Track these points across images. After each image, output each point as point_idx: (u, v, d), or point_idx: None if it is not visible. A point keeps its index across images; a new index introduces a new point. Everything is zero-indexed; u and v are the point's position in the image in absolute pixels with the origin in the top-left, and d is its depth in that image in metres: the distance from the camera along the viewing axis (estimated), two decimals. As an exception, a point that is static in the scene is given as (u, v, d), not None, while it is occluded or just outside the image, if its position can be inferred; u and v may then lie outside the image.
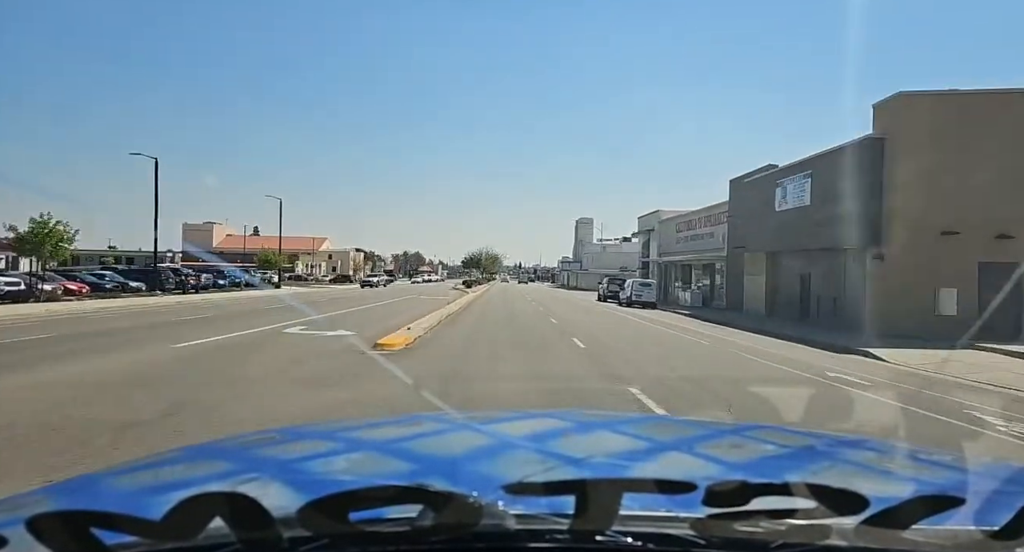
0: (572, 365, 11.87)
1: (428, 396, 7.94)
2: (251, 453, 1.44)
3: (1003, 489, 1.07)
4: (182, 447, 1.52)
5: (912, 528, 0.75)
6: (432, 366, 10.96)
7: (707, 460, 1.29)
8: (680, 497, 0.77)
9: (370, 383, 9.31)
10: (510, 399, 8.32)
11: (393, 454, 1.32)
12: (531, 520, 0.77)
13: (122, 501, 1.05)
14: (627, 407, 7.86)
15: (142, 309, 25.47)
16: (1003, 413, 8.45)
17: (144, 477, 1.23)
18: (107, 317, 20.63)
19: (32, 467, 5.00)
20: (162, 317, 21.02)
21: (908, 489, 1.12)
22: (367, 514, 0.74)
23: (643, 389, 8.91)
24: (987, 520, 0.79)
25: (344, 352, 12.60)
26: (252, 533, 0.72)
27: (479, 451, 1.34)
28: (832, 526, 0.74)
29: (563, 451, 1.31)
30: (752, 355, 14.62)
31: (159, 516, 0.69)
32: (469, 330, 18.73)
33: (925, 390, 10.26)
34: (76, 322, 18.56)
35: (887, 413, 8.67)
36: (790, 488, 0.78)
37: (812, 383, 10.64)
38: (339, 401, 7.94)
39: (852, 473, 1.25)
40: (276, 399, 8.01)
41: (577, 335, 17.56)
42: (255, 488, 1.02)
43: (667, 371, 11.32)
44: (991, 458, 1.50)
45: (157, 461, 1.37)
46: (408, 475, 1.13)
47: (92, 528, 0.69)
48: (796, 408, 8.37)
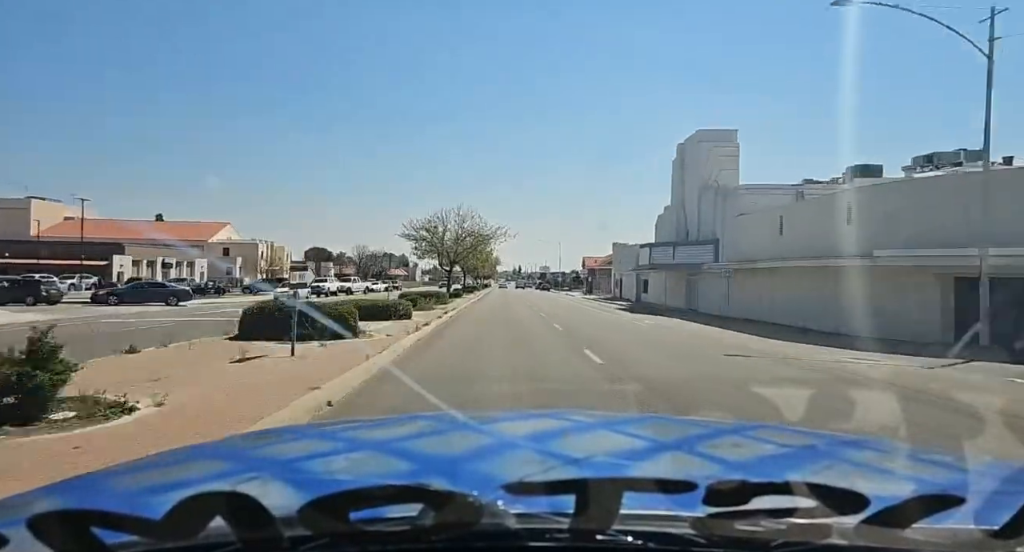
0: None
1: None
2: (251, 453, 1.44)
3: (1003, 489, 1.07)
4: (182, 447, 1.51)
5: (912, 527, 0.75)
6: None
7: (707, 459, 1.29)
8: (680, 496, 0.77)
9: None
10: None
11: (393, 454, 1.32)
12: (531, 519, 0.76)
13: (122, 501, 1.05)
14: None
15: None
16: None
17: (144, 477, 1.23)
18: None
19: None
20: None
21: (908, 489, 1.11)
22: (367, 514, 0.73)
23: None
24: (987, 519, 0.78)
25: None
26: (252, 533, 0.72)
27: (479, 451, 1.34)
28: (832, 525, 0.74)
29: (563, 451, 1.31)
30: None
31: (159, 516, 0.69)
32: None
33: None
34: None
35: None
36: (790, 487, 0.78)
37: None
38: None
39: (852, 472, 1.25)
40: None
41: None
42: (255, 488, 1.02)
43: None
44: (991, 457, 1.49)
45: (157, 461, 1.37)
46: (408, 475, 1.13)
47: (92, 528, 0.69)
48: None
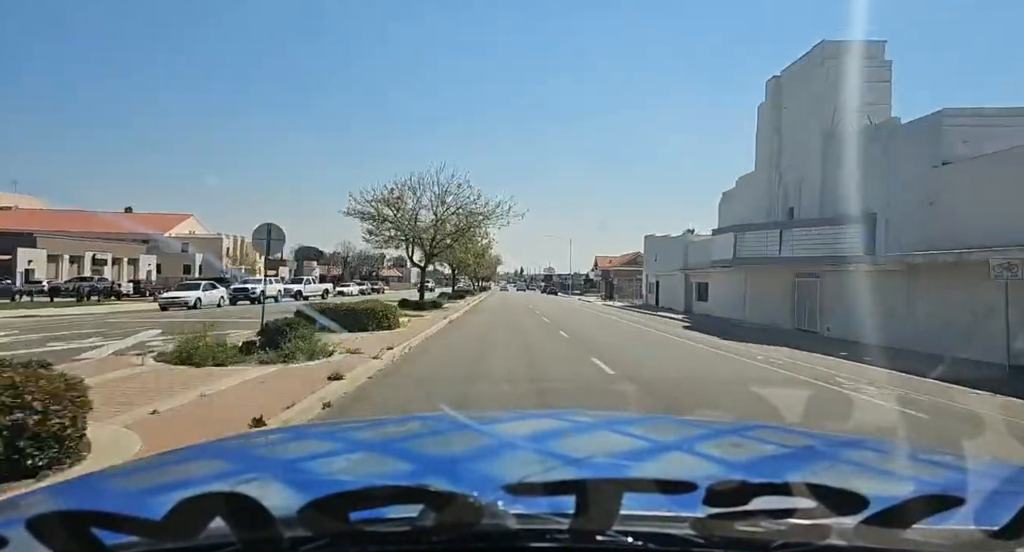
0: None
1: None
2: (251, 453, 1.44)
3: (1003, 489, 1.07)
4: (182, 447, 1.51)
5: (912, 528, 0.75)
6: None
7: (707, 460, 1.29)
8: (680, 497, 0.77)
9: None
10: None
11: (393, 454, 1.32)
12: (531, 520, 0.76)
13: (122, 501, 1.05)
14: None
15: None
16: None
17: (144, 477, 1.23)
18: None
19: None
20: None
21: (908, 489, 1.11)
22: (367, 514, 0.73)
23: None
24: (987, 520, 0.78)
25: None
26: (252, 533, 0.72)
27: (479, 451, 1.33)
28: (832, 526, 0.74)
29: (563, 451, 1.31)
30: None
31: (159, 516, 0.69)
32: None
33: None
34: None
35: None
36: (790, 488, 0.78)
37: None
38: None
39: (852, 473, 1.25)
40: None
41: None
42: (255, 488, 1.02)
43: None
44: (991, 458, 1.49)
45: (157, 461, 1.37)
46: (408, 475, 1.13)
47: (92, 528, 0.69)
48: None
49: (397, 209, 30.96)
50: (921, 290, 17.99)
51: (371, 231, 32.08)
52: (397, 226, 31.41)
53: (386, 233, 32.04)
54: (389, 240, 32.69)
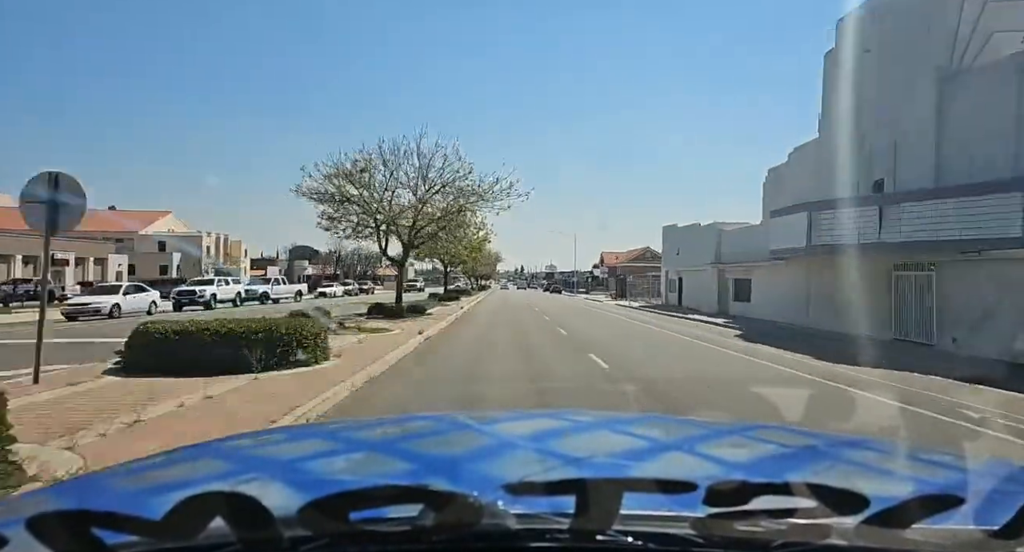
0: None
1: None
2: (251, 453, 1.44)
3: (1003, 489, 1.07)
4: (182, 447, 1.51)
5: (912, 527, 0.75)
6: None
7: (708, 460, 1.29)
8: (681, 497, 0.77)
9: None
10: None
11: (393, 454, 1.32)
12: (532, 520, 0.76)
13: (122, 501, 1.05)
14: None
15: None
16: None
17: (144, 477, 1.23)
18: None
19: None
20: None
21: (908, 489, 1.11)
22: (367, 514, 0.73)
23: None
24: (987, 520, 0.78)
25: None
26: (252, 533, 0.72)
27: (479, 451, 1.33)
28: (832, 526, 0.74)
29: (563, 451, 1.31)
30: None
31: (159, 516, 0.69)
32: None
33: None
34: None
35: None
36: (790, 488, 0.78)
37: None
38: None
39: (852, 473, 1.25)
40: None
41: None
42: (255, 488, 1.02)
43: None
44: (991, 457, 1.49)
45: (157, 461, 1.37)
46: (408, 475, 1.13)
47: (92, 528, 0.69)
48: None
49: (365, 186, 23.28)
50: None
51: (330, 216, 24.35)
52: (365, 209, 23.71)
53: (351, 218, 24.48)
54: (356, 228, 24.95)
